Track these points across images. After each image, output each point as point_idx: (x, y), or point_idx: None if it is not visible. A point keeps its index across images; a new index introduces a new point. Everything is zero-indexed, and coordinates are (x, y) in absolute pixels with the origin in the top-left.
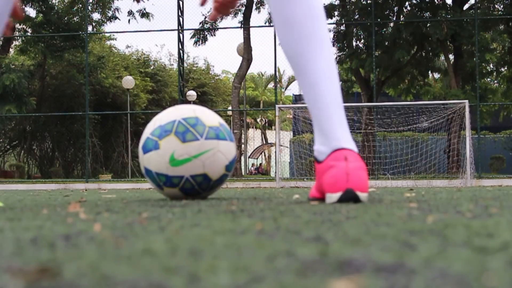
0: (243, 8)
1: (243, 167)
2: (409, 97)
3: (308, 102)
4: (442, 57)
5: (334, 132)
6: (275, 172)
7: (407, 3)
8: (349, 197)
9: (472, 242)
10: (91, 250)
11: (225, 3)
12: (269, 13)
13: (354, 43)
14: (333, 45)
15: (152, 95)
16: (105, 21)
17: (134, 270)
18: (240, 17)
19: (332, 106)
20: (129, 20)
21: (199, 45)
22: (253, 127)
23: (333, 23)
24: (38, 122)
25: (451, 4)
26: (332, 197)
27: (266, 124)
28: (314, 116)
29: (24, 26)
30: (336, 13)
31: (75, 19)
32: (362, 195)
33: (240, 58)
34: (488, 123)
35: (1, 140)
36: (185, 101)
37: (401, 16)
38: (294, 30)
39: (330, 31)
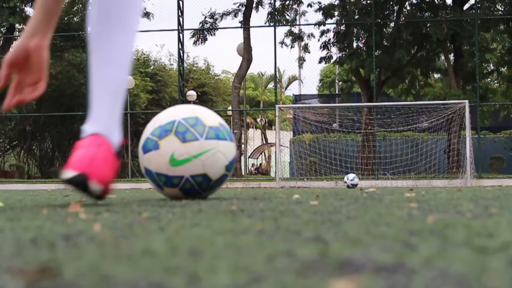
0: (243, 8)
1: (243, 167)
2: (409, 97)
3: (91, 81)
4: (442, 57)
5: (104, 118)
6: (275, 172)
7: (407, 3)
8: (79, 181)
9: (472, 242)
10: (91, 250)
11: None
12: (269, 13)
13: (354, 43)
14: (333, 45)
15: (152, 95)
16: None
17: (134, 270)
18: (240, 17)
19: (109, 92)
20: None
21: (198, 44)
22: (253, 127)
23: (333, 23)
24: (38, 122)
25: (451, 4)
26: (66, 173)
27: (266, 124)
28: (90, 97)
29: (24, 26)
30: (336, 13)
31: (75, 19)
32: (94, 186)
33: (240, 58)
34: (488, 124)
35: (1, 140)
36: (185, 101)
37: (401, 16)
38: (99, 10)
39: (330, 31)
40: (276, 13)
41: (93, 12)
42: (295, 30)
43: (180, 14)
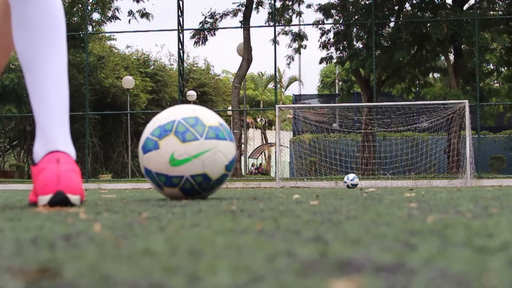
0: (243, 8)
1: (243, 167)
2: (410, 95)
3: (33, 103)
4: (442, 57)
5: (53, 134)
6: (275, 172)
7: (407, 3)
8: (59, 199)
9: (472, 242)
10: (91, 250)
11: None
12: (269, 13)
13: (354, 43)
14: (333, 45)
15: (152, 95)
16: (105, 21)
17: (134, 270)
18: (240, 17)
19: (55, 109)
20: (129, 20)
21: (199, 45)
22: (253, 127)
23: (333, 23)
24: None
25: (451, 4)
26: (43, 199)
27: (266, 124)
28: (36, 117)
29: None
30: (335, 13)
31: (75, 19)
32: (73, 197)
33: (240, 58)
34: (492, 123)
35: (1, 140)
36: (185, 101)
37: (401, 16)
38: (29, 30)
39: (329, 31)
40: (276, 13)
41: (23, 34)
42: (295, 29)
43: (180, 14)
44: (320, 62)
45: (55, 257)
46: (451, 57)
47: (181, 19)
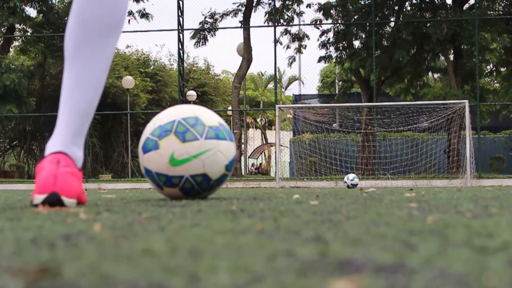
0: (243, 8)
1: (243, 167)
2: (408, 96)
3: (60, 100)
4: (442, 57)
5: (61, 136)
6: (275, 172)
7: (407, 3)
8: (53, 200)
9: (472, 242)
10: (91, 250)
11: None
12: (267, 12)
13: (354, 43)
14: (332, 45)
15: (152, 95)
16: None
17: (134, 270)
18: (240, 17)
19: (72, 113)
20: (129, 20)
21: (199, 46)
22: (253, 127)
23: (332, 23)
24: (38, 122)
25: (451, 4)
26: (38, 198)
27: (266, 124)
28: (57, 116)
29: (24, 26)
30: (335, 13)
31: None
32: (68, 201)
33: (240, 58)
34: (486, 123)
35: (1, 140)
36: (185, 101)
37: (401, 16)
38: (83, 24)
39: (330, 31)
40: (275, 13)
41: (74, 27)
42: (294, 30)
43: (180, 14)
44: (319, 61)
45: (55, 257)
46: (451, 57)
47: (181, 19)
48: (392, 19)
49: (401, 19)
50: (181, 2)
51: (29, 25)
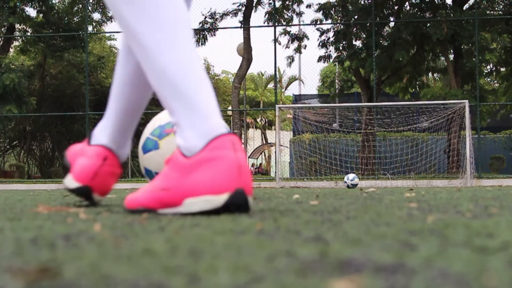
0: (243, 8)
1: None
2: (406, 96)
3: (120, 92)
4: (442, 57)
5: (118, 132)
6: (275, 172)
7: (407, 3)
8: (83, 192)
9: (472, 242)
10: (91, 250)
11: None
12: (267, 12)
13: (354, 43)
14: (332, 45)
15: (152, 95)
16: (105, 21)
17: (134, 270)
18: (240, 17)
19: (122, 108)
20: None
21: (199, 46)
22: (253, 127)
23: (332, 23)
24: (38, 122)
25: (451, 4)
26: (72, 183)
27: (266, 124)
28: (114, 106)
29: (24, 26)
30: (335, 13)
31: (75, 19)
32: (97, 197)
33: (240, 58)
34: (485, 124)
35: (1, 140)
36: None
37: (401, 16)
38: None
39: (330, 31)
40: (275, 13)
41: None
42: (294, 30)
43: None
44: (319, 60)
45: (55, 257)
46: (451, 57)
47: None
48: (392, 19)
49: (401, 18)
50: None
51: (29, 25)
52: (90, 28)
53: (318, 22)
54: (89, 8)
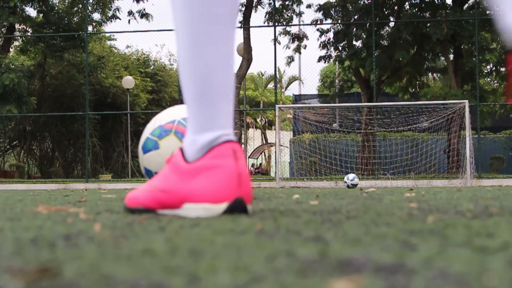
0: (243, 8)
1: None
2: (406, 96)
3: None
4: (442, 57)
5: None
6: (275, 172)
7: (407, 3)
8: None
9: (472, 242)
10: (91, 250)
11: None
12: (267, 12)
13: (354, 43)
14: (332, 45)
15: (152, 95)
16: (105, 21)
17: (134, 270)
18: (240, 17)
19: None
20: (129, 20)
21: None
22: (253, 127)
23: (332, 23)
24: (38, 122)
25: (451, 4)
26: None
27: (266, 124)
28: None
29: (24, 26)
30: (335, 13)
31: (75, 19)
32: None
33: (240, 58)
34: (489, 125)
35: (1, 140)
36: None
37: (401, 16)
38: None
39: (329, 31)
40: (275, 13)
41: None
42: (294, 30)
43: None
44: (319, 61)
45: (55, 257)
46: (451, 57)
47: None
48: (392, 19)
49: (401, 17)
50: None
51: (29, 25)
52: (90, 28)
53: (318, 22)
54: (89, 8)
